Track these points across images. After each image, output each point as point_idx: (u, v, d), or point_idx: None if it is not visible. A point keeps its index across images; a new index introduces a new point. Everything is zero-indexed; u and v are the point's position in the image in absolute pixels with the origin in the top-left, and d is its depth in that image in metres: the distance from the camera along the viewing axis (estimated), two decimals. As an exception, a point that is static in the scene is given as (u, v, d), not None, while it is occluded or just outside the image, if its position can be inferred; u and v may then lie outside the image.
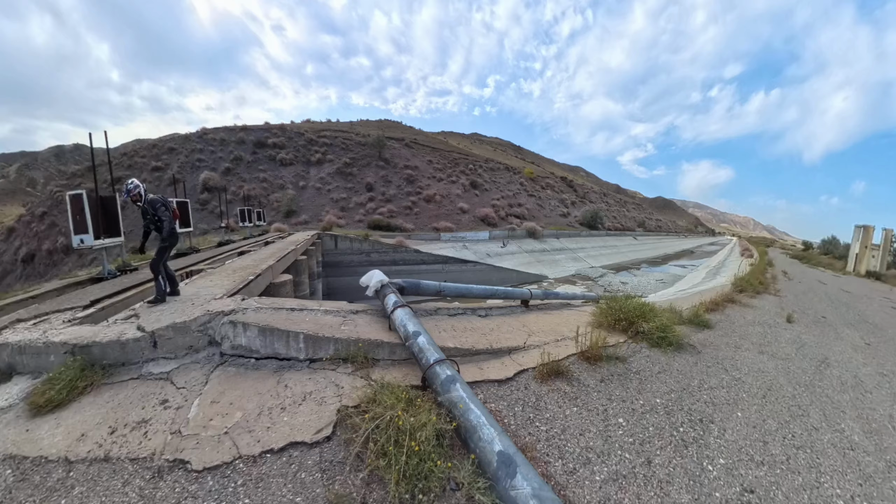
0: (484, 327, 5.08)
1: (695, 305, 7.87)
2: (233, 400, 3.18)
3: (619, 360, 4.55)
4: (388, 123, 73.02)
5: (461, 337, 4.51)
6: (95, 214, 7.60)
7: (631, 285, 23.87)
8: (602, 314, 5.88)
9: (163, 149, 42.23)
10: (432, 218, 35.07)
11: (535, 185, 53.67)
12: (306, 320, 4.02)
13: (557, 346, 4.76)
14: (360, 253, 25.21)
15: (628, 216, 68.12)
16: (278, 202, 35.44)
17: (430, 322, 4.91)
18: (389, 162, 44.05)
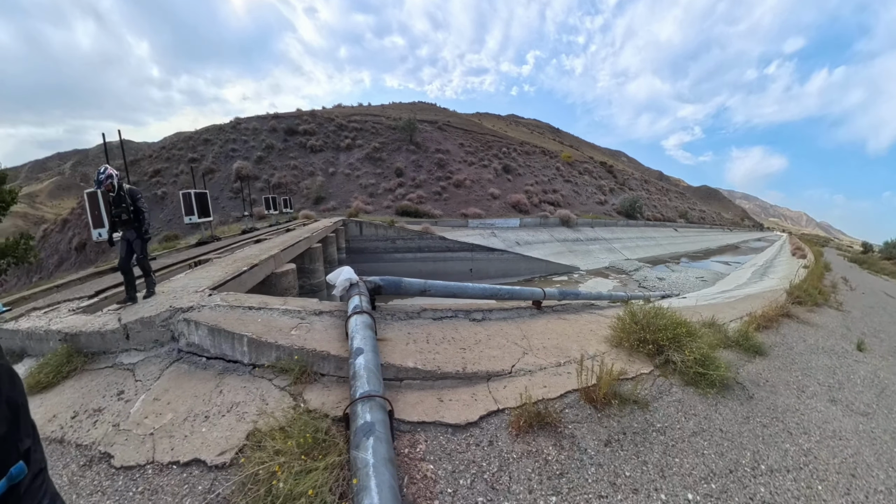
0: (470, 338, 4.29)
1: (743, 318, 6.63)
2: (171, 400, 3.24)
3: (639, 405, 3.38)
4: (421, 106, 72.88)
5: (432, 351, 3.75)
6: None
7: (668, 282, 22.35)
8: (623, 330, 4.60)
9: (198, 140, 44.70)
10: (461, 204, 34.84)
11: (573, 170, 51.62)
12: (257, 321, 3.95)
13: (556, 375, 3.70)
14: (386, 240, 25.59)
15: (670, 206, 64.07)
16: (308, 189, 36.55)
17: (405, 328, 4.30)
18: (420, 146, 44.05)
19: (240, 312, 4.20)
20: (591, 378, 3.36)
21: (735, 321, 6.51)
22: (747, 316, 6.85)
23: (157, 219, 34.41)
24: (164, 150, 45.51)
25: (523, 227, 30.83)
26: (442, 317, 4.87)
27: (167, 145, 46.51)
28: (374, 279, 4.61)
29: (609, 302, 8.39)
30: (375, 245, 25.71)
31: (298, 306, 4.42)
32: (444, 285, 5.09)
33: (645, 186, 67.14)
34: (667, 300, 11.79)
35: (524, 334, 4.71)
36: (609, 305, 7.86)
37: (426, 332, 4.28)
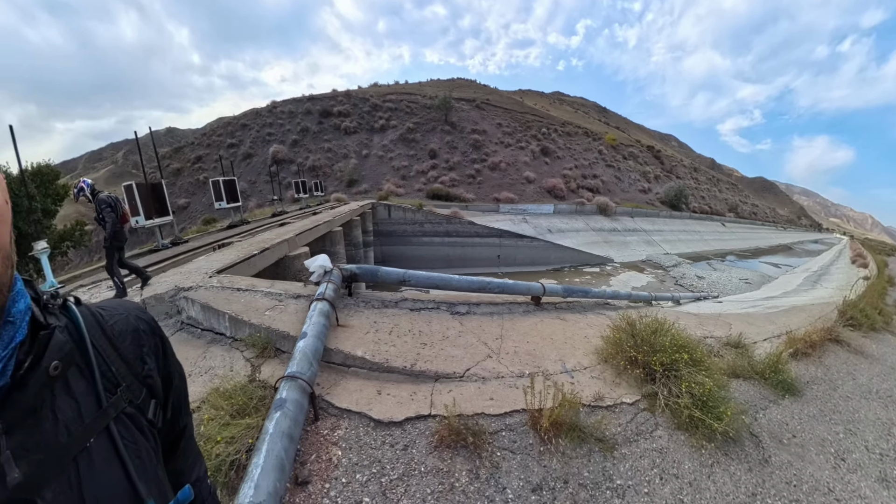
0: (438, 333, 4.20)
1: (780, 337, 5.69)
2: None
3: (602, 446, 2.76)
4: (460, 82, 72.42)
5: (388, 343, 3.77)
6: (145, 199, 9.59)
7: (707, 281, 21.30)
8: (615, 343, 3.97)
9: (237, 126, 47.47)
10: (494, 188, 34.91)
11: (616, 154, 49.49)
12: (240, 301, 4.54)
13: (513, 387, 3.35)
14: (414, 223, 26.42)
15: (719, 197, 59.72)
16: (341, 172, 37.99)
17: (374, 316, 4.40)
18: (455, 126, 44.20)
19: (228, 293, 4.85)
20: (548, 399, 2.83)
21: (768, 340, 5.63)
22: (785, 335, 5.76)
23: (199, 202, 37.42)
24: (204, 136, 48.91)
25: (557, 213, 30.53)
26: (421, 308, 4.84)
27: (208, 132, 49.93)
28: (350, 267, 4.81)
29: (629, 302, 7.69)
30: (403, 228, 26.65)
31: (281, 289, 4.94)
32: (425, 276, 5.11)
33: (694, 175, 63.06)
34: (699, 304, 11.20)
35: (501, 334, 4.49)
36: (628, 306, 7.20)
37: (394, 322, 4.31)
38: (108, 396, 0.68)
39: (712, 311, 8.24)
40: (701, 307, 9.83)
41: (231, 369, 3.66)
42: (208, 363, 3.94)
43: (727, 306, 10.11)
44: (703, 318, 6.62)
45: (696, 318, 6.49)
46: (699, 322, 6.17)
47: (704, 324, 6.08)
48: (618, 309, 6.52)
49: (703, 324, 6.06)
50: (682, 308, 9.52)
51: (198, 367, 3.93)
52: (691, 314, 7.04)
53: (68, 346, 0.66)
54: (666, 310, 7.66)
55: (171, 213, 10.52)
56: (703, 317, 6.80)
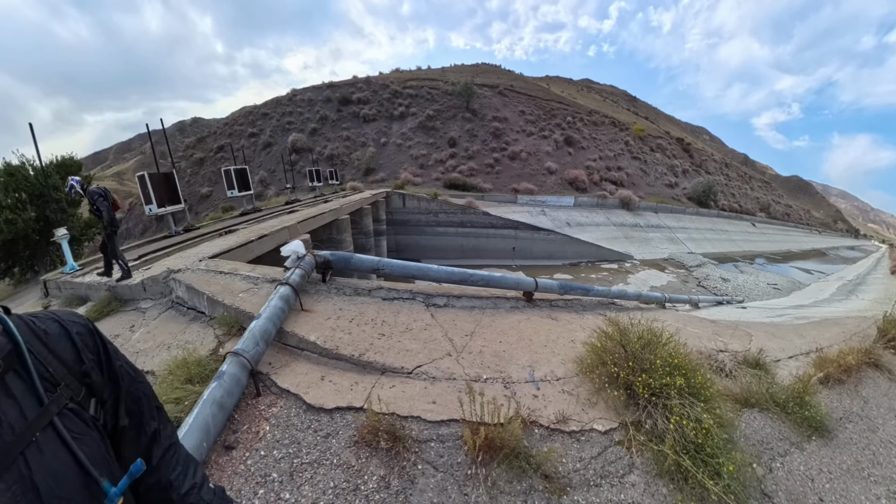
0: (402, 324, 4.12)
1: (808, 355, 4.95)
2: (156, 334, 4.71)
3: (548, 485, 2.32)
4: (484, 68, 71.77)
5: (344, 331, 3.80)
6: (157, 189, 10.26)
7: (733, 284, 20.48)
8: (599, 352, 3.37)
9: (258, 115, 48.67)
10: (514, 178, 34.76)
11: (643, 145, 48.03)
12: (219, 283, 4.91)
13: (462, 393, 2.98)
14: (428, 213, 26.71)
15: (750, 196, 56.93)
16: (359, 161, 38.66)
17: (341, 303, 4.47)
18: (477, 113, 44.01)
19: (211, 276, 5.22)
20: (495, 413, 2.47)
21: (795, 359, 4.88)
22: (815, 353, 5.05)
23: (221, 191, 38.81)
24: (227, 125, 50.43)
25: (577, 206, 30.18)
26: (395, 297, 4.82)
27: (230, 121, 51.44)
28: (323, 253, 4.89)
29: (638, 303, 7.20)
30: (418, 218, 27.00)
31: (260, 273, 5.27)
32: (400, 265, 5.11)
33: (724, 171, 60.44)
34: (719, 308, 10.85)
35: (474, 331, 4.24)
36: (637, 307, 6.81)
37: (360, 310, 4.34)
38: (49, 395, 0.75)
39: (732, 319, 7.64)
40: (720, 313, 9.33)
41: (201, 343, 4.08)
42: (186, 337, 4.39)
43: (751, 313, 9.63)
44: (721, 326, 6.17)
45: (711, 326, 6.02)
46: (714, 331, 5.68)
47: (720, 333, 5.58)
48: (624, 311, 6.14)
49: (718, 333, 5.56)
50: (699, 312, 9.11)
51: (177, 340, 4.42)
52: (707, 321, 6.55)
53: (6, 348, 0.72)
54: (681, 313, 7.36)
55: (183, 202, 11.18)
56: (720, 325, 6.29)
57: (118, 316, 5.81)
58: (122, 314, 5.82)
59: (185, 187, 42.92)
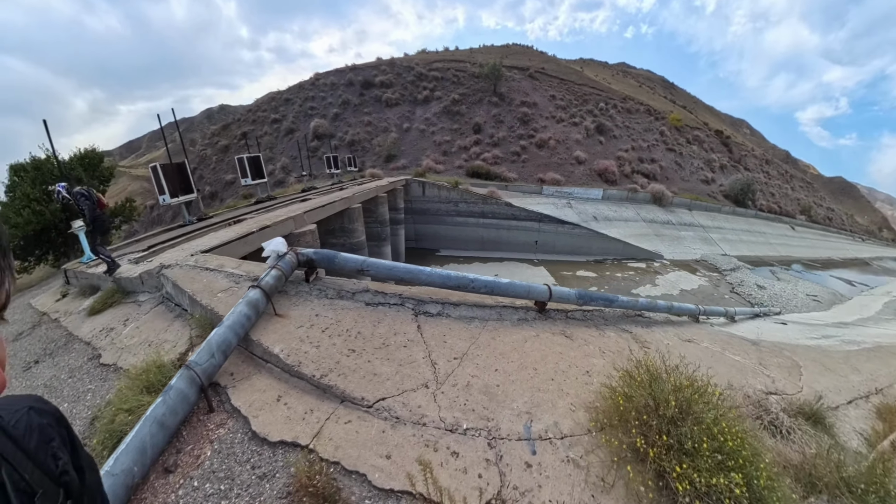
0: (379, 337, 3.73)
1: (866, 401, 4.23)
2: (144, 329, 4.90)
3: None
4: (514, 49, 70.10)
5: (314, 343, 3.50)
6: (170, 179, 10.51)
7: (769, 292, 19.28)
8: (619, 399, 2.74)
9: (280, 100, 49.23)
10: (540, 167, 34.06)
11: (680, 136, 45.82)
12: (202, 281, 4.90)
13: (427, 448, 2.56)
14: (448, 202, 26.54)
15: (791, 196, 53.30)
16: (380, 147, 38.72)
17: (319, 307, 4.21)
18: (504, 97, 43.16)
19: (197, 272, 5.21)
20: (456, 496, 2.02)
21: (854, 404, 4.16)
22: (876, 394, 4.33)
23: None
24: (250, 112, 51.34)
25: (606, 199, 29.31)
26: (380, 302, 4.49)
27: (254, 108, 52.36)
28: (306, 251, 4.69)
29: (668, 315, 6.47)
30: (437, 207, 26.88)
31: (245, 271, 5.19)
32: (386, 266, 4.70)
33: (764, 168, 56.91)
34: (757, 322, 9.85)
35: (466, 351, 3.66)
36: (667, 320, 6.19)
37: (338, 317, 4.04)
38: None
39: (774, 338, 7.05)
40: (759, 328, 8.67)
41: (174, 346, 4.15)
42: (167, 336, 4.55)
43: (792, 331, 8.92)
44: (764, 350, 5.56)
45: (754, 351, 5.45)
46: (759, 358, 5.08)
47: (766, 362, 5.01)
48: (652, 324, 5.53)
49: (763, 362, 4.99)
50: (737, 328, 8.26)
51: (158, 338, 4.59)
52: (748, 342, 6.00)
53: None
54: (717, 330, 6.78)
55: (196, 191, 11.44)
56: (763, 348, 5.71)
57: (118, 308, 6.10)
58: (122, 306, 6.11)
59: (210, 174, 44.62)
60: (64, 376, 4.75)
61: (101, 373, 4.43)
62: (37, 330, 6.72)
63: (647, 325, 5.50)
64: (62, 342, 5.82)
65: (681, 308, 6.95)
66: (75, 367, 4.87)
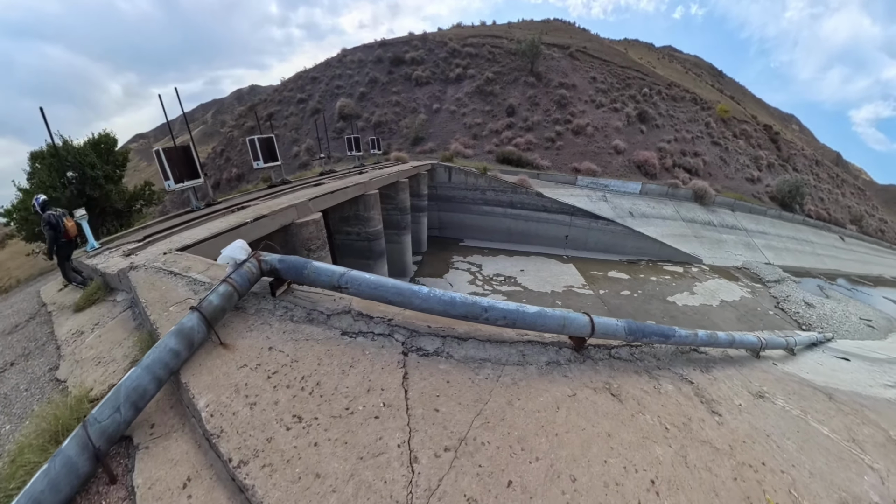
0: (341, 397, 2.82)
1: None
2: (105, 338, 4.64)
3: None
4: (555, 25, 67.28)
5: (245, 399, 2.73)
6: (174, 163, 10.14)
7: (818, 313, 17.34)
8: None
9: (307, 79, 48.82)
10: (576, 156, 32.54)
11: (726, 129, 42.69)
12: (161, 289, 4.43)
13: None
14: (475, 189, 25.66)
15: (841, 203, 48.86)
16: (407, 128, 37.83)
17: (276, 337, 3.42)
18: (542, 78, 41.32)
19: (160, 276, 4.75)
20: None
21: None
22: None
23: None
24: (276, 92, 51.31)
25: (644, 194, 27.67)
26: (359, 332, 3.54)
27: (280, 87, 52.28)
28: (270, 258, 3.82)
29: (725, 350, 5.48)
30: (464, 194, 26.05)
31: (212, 276, 4.66)
32: (372, 284, 3.55)
33: (814, 170, 52.38)
34: (818, 356, 7.79)
35: (465, 435, 2.58)
36: (725, 356, 5.29)
37: (295, 354, 3.22)
38: None
39: (846, 385, 6.00)
40: (823, 366, 7.50)
41: (115, 370, 3.76)
42: (116, 352, 4.22)
43: (860, 371, 7.66)
44: (844, 409, 4.50)
45: (834, 411, 4.43)
46: (846, 427, 4.00)
47: (856, 434, 3.88)
48: (711, 364, 4.52)
49: (854, 435, 3.86)
50: (800, 364, 7.18)
51: (109, 354, 4.27)
52: (820, 392, 4.98)
53: None
54: (782, 372, 5.86)
55: (203, 176, 11.09)
56: (842, 405, 4.66)
57: (98, 307, 5.89)
58: (100, 305, 5.90)
59: (237, 156, 45.14)
60: (23, 387, 4.48)
61: (51, 389, 4.11)
62: (30, 323, 6.59)
63: (706, 367, 4.50)
64: (42, 342, 5.61)
65: (743, 341, 5.83)
66: (35, 377, 4.59)
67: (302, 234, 9.65)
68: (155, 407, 2.91)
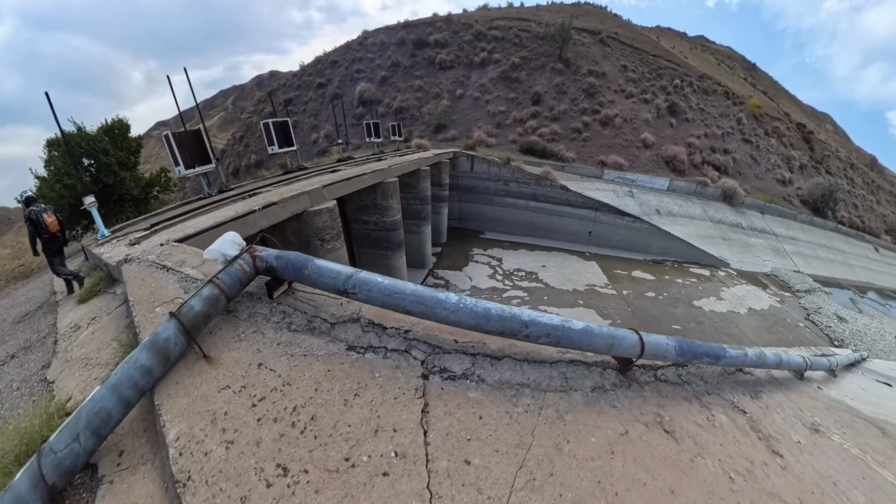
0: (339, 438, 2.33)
1: None
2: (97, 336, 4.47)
3: None
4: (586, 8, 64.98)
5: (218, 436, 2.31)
6: (184, 149, 9.87)
7: (851, 328, 16.15)
8: None
9: (326, 63, 48.36)
10: (603, 148, 31.56)
11: (758, 126, 40.79)
12: (151, 285, 4.15)
13: None
14: (498, 180, 25.12)
15: (876, 211, 45.84)
16: (429, 115, 37.15)
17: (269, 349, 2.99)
18: (570, 64, 40.02)
19: (152, 271, 4.48)
20: None
21: None
22: None
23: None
24: (295, 77, 51.03)
25: (671, 191, 26.62)
26: (369, 347, 3.01)
27: (299, 73, 51.94)
28: (267, 254, 3.32)
29: (769, 371, 4.95)
30: (486, 185, 25.52)
31: (205, 273, 4.31)
32: (387, 288, 2.91)
33: (848, 174, 49.34)
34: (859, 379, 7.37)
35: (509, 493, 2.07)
36: (769, 377, 4.85)
37: (289, 374, 2.75)
38: None
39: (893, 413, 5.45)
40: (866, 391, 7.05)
41: (99, 375, 3.53)
42: (103, 355, 3.95)
43: None
44: None
45: (887, 445, 4.12)
46: None
47: None
48: (759, 389, 4.06)
49: None
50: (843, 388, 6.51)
51: (97, 355, 4.02)
52: (872, 425, 4.59)
53: None
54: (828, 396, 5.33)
55: (215, 161, 10.87)
56: (893, 437, 4.32)
57: (98, 299, 5.71)
58: (102, 297, 5.71)
59: (256, 143, 45.25)
60: (16, 384, 4.34)
61: (39, 390, 3.95)
62: (38, 312, 6.55)
63: (755, 391, 4.00)
64: (43, 334, 5.51)
65: (790, 363, 5.25)
66: (29, 374, 4.43)
67: (315, 223, 9.35)
68: (128, 428, 2.57)
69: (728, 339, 13.82)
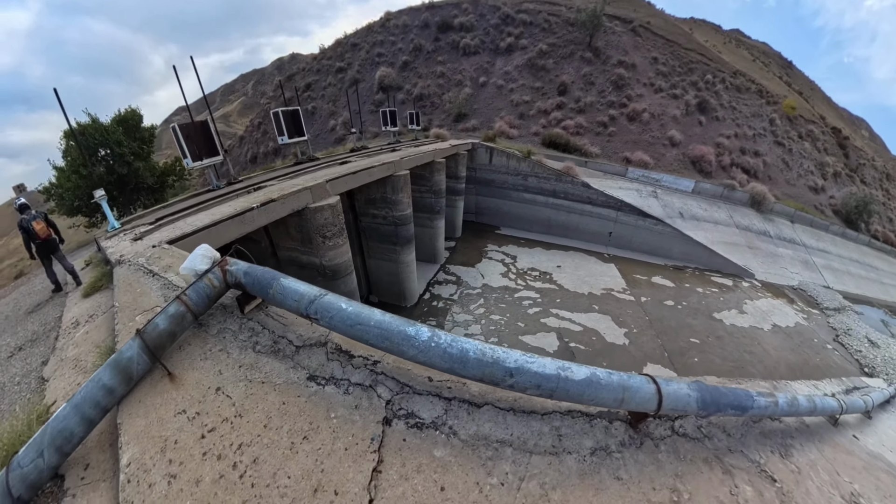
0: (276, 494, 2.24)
1: None
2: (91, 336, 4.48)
3: None
4: (620, -5, 62.90)
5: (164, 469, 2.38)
6: (192, 140, 9.80)
7: (883, 354, 15.07)
8: None
9: (346, 46, 47.72)
10: (628, 144, 30.60)
11: (791, 129, 38.68)
12: (136, 290, 4.29)
13: None
14: (517, 174, 24.67)
15: None
16: (451, 103, 36.50)
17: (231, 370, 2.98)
18: (600, 53, 38.72)
19: (139, 276, 4.57)
20: None
21: None
22: None
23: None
24: (315, 61, 50.55)
25: (696, 194, 25.65)
26: (331, 378, 2.88)
27: (318, 56, 51.43)
28: (237, 270, 3.29)
29: (800, 419, 4.31)
30: (504, 178, 25.05)
31: (187, 282, 4.21)
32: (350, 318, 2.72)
33: (884, 184, 46.20)
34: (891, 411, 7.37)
35: None
36: (801, 425, 4.27)
37: (243, 403, 2.70)
38: None
39: None
40: None
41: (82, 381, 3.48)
42: (92, 357, 3.95)
43: None
44: None
45: None
46: None
47: None
48: (789, 443, 3.57)
49: None
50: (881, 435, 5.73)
51: (86, 358, 4.04)
52: None
53: None
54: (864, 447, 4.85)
55: (223, 153, 10.70)
56: None
57: (100, 294, 5.79)
58: (103, 293, 5.77)
59: (273, 130, 44.79)
60: (18, 378, 4.48)
61: (35, 387, 4.03)
62: (49, 303, 6.70)
63: (784, 446, 3.43)
64: (49, 327, 5.67)
65: (824, 408, 4.78)
66: (29, 370, 4.55)
67: (316, 220, 9.16)
68: (96, 441, 2.68)
69: (749, 357, 13.26)
